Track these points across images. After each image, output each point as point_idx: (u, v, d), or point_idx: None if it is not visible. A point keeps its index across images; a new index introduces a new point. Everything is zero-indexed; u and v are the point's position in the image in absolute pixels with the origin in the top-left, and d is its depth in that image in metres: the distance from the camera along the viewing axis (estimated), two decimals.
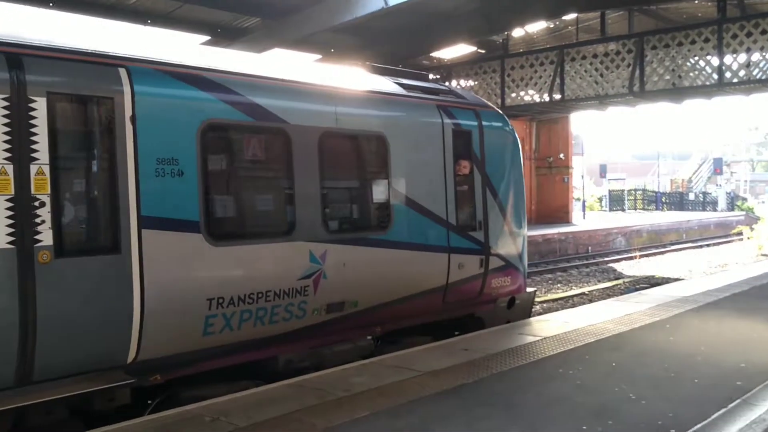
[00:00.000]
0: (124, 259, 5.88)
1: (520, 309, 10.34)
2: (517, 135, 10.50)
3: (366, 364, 7.49)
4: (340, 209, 8.05)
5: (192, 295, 6.33)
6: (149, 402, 6.52)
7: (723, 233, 39.68)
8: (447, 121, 9.06)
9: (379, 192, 8.35)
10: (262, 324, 6.91)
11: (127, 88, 5.96)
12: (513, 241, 10.04)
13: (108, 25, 17.66)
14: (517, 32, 25.52)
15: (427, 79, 10.57)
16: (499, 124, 10.15)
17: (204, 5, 18.43)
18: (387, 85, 9.00)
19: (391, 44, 22.01)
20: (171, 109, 6.30)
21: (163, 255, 6.11)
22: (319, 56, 21.13)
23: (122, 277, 5.87)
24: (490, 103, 10.80)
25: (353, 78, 8.89)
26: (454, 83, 25.09)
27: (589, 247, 29.34)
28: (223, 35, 20.42)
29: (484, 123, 9.66)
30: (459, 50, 25.34)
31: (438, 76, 25.43)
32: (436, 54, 25.52)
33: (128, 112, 5.92)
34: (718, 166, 59.88)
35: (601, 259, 26.38)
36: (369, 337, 8.33)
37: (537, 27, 25.28)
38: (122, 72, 6.02)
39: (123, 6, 17.95)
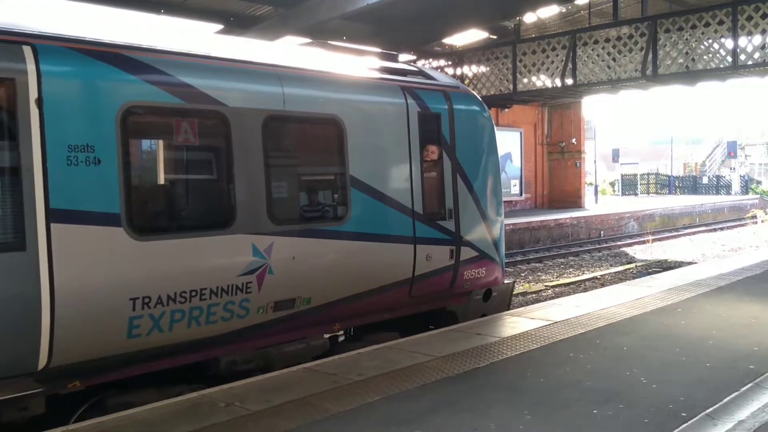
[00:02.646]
0: (30, 257, 5.34)
1: (497, 302, 9.82)
2: (492, 119, 9.94)
3: (380, 349, 7.54)
4: (288, 199, 7.48)
5: (112, 294, 5.77)
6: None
7: (737, 217, 39.46)
8: (412, 103, 8.46)
9: (334, 179, 7.85)
10: (197, 324, 6.37)
11: (32, 68, 5.38)
12: (488, 230, 9.45)
13: (122, 15, 17.75)
14: (529, 18, 25.40)
15: (395, 60, 10.10)
16: (473, 107, 9.51)
17: None
18: (344, 64, 8.54)
19: (404, 31, 21.99)
20: (85, 90, 5.73)
21: (76, 251, 5.56)
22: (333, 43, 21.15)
23: (27, 277, 5.34)
24: (463, 85, 10.20)
25: (305, 57, 8.38)
26: (465, 69, 25.02)
27: (602, 232, 29.28)
28: (236, 24, 20.49)
29: (455, 106, 9.02)
30: (471, 36, 25.28)
31: (449, 62, 25.37)
32: (447, 40, 25.46)
33: (33, 95, 5.36)
34: (731, 150, 59.55)
35: (613, 244, 26.33)
36: (326, 336, 7.89)
37: (549, 12, 25.16)
38: (26, 50, 5.42)
39: None
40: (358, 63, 8.94)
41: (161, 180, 6.79)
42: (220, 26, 20.46)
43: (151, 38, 6.65)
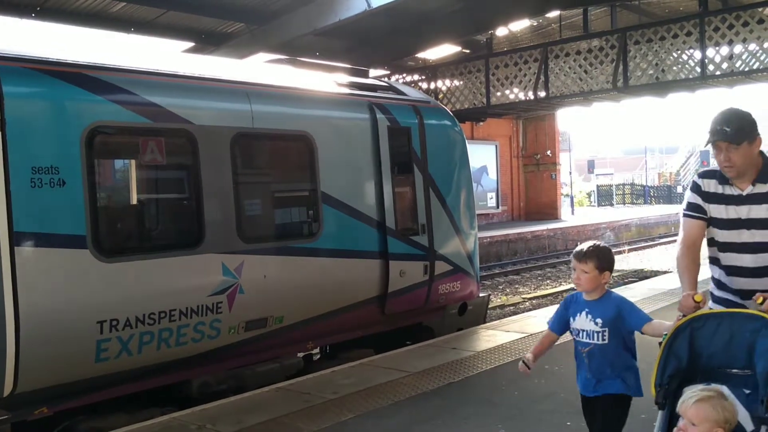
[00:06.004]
0: None
1: (472, 315, 9.80)
2: (464, 133, 9.99)
3: (355, 366, 7.51)
4: (259, 217, 7.43)
5: (79, 318, 5.69)
6: None
7: None
8: (382, 118, 8.47)
9: (305, 196, 7.80)
10: (167, 346, 6.29)
11: None
12: (462, 244, 9.44)
13: (92, 34, 17.66)
14: (501, 31, 25.58)
15: (365, 75, 10.15)
16: (444, 122, 9.56)
17: (187, 11, 18.42)
18: (314, 81, 8.55)
19: (377, 46, 21.99)
20: (49, 112, 5.71)
21: (41, 275, 5.52)
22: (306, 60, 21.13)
23: None
24: (433, 100, 10.20)
25: (274, 74, 8.38)
26: (439, 83, 25.13)
27: (578, 243, 29.38)
28: (207, 41, 20.41)
29: (425, 120, 9.05)
30: (444, 50, 25.39)
31: (423, 77, 25.48)
32: (421, 55, 25.56)
33: None
34: (705, 159, 60.16)
35: None
36: (300, 354, 7.86)
37: (520, 25, 25.35)
38: None
39: (106, 14, 17.90)
40: (328, 79, 8.97)
41: (128, 200, 6.75)
42: (192, 44, 20.39)
43: (117, 58, 6.62)
